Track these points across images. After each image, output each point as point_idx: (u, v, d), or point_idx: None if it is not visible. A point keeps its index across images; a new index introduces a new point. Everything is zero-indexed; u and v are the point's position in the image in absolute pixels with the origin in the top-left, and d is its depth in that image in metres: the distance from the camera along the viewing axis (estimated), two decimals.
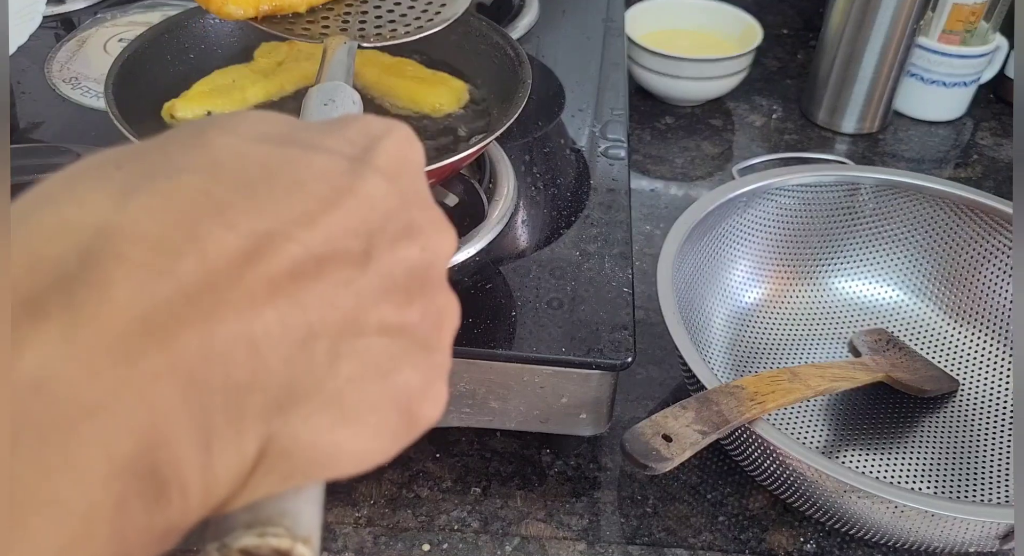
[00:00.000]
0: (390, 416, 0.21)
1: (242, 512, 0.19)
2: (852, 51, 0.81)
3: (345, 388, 0.20)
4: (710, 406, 0.45)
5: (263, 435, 0.19)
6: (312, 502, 0.21)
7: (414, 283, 0.22)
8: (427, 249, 0.22)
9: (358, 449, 0.20)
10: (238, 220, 0.18)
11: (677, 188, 0.78)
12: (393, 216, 0.21)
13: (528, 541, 0.50)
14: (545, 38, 0.78)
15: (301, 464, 0.19)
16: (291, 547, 0.19)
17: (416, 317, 0.22)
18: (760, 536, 0.51)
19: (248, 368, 0.18)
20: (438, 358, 0.23)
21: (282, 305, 0.18)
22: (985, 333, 0.61)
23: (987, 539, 0.45)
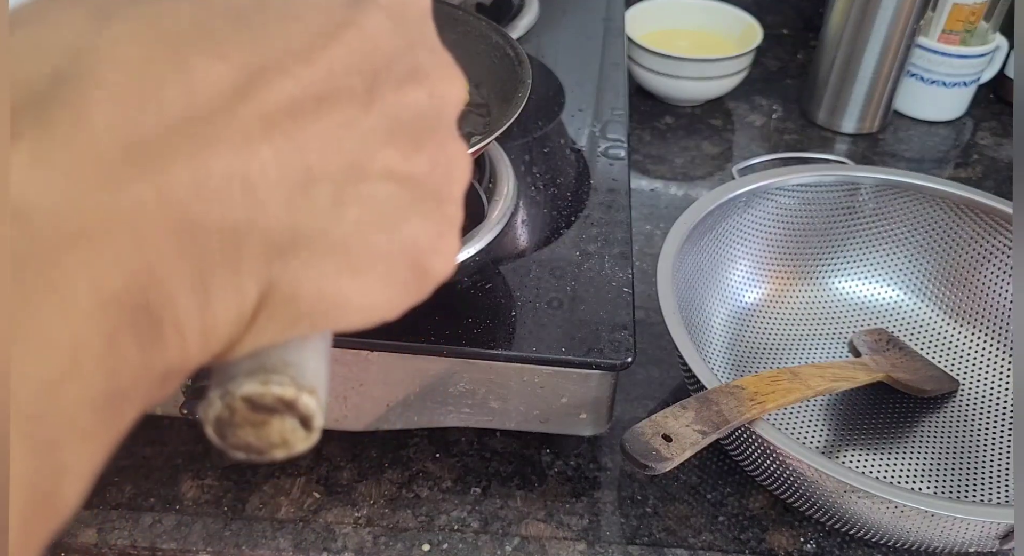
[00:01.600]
0: (399, 267, 0.20)
1: (246, 360, 0.19)
2: (852, 51, 0.81)
3: (351, 234, 0.19)
4: (710, 406, 0.45)
5: (264, 279, 0.18)
6: (318, 355, 0.20)
7: (422, 129, 0.20)
8: (435, 94, 0.21)
9: (365, 300, 0.20)
10: (229, 51, 0.17)
11: (677, 188, 0.78)
12: (398, 56, 0.20)
13: (528, 541, 0.50)
14: (545, 38, 0.78)
15: (305, 311, 0.19)
16: (296, 396, 0.19)
17: (425, 166, 0.20)
18: (760, 536, 0.51)
19: (245, 208, 0.17)
20: (449, 209, 0.21)
21: (279, 143, 0.17)
22: (985, 333, 0.61)
23: (987, 539, 0.45)
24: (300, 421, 0.19)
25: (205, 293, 0.17)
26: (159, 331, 0.16)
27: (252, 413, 0.19)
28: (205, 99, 0.17)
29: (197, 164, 0.16)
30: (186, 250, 0.16)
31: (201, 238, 0.16)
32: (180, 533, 0.49)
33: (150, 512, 0.50)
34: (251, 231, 0.17)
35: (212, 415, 0.19)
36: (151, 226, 0.16)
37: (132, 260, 0.15)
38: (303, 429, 0.19)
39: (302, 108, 0.18)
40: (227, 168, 0.17)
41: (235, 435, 0.19)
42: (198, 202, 0.16)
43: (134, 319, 0.16)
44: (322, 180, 0.18)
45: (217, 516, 0.50)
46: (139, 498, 0.51)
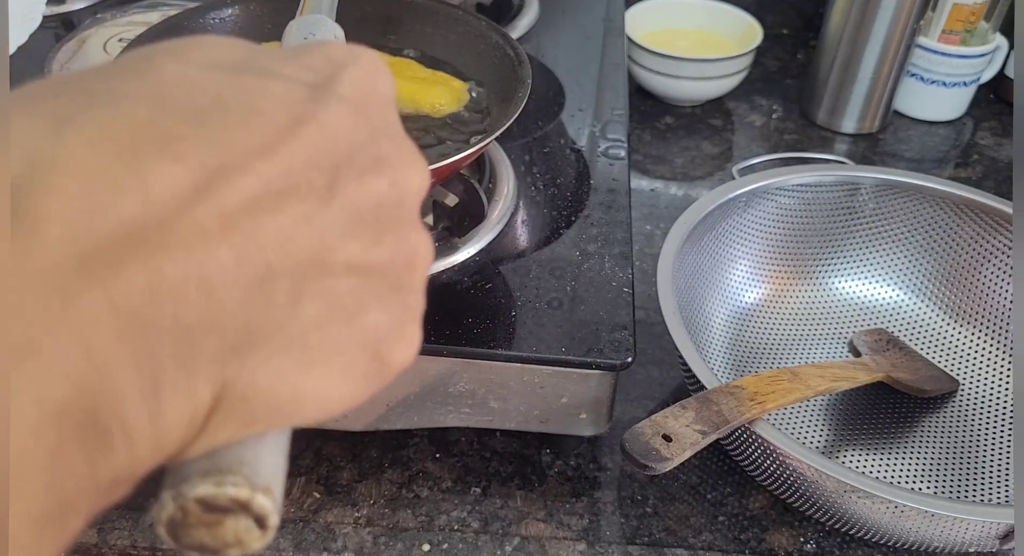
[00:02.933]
0: (358, 359, 0.20)
1: (199, 460, 0.19)
2: (852, 51, 0.81)
3: (309, 330, 0.19)
4: (710, 406, 0.45)
5: (218, 380, 0.17)
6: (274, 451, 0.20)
7: (383, 220, 0.20)
8: (396, 184, 0.21)
9: (323, 393, 0.19)
10: (186, 152, 0.17)
11: (677, 188, 0.78)
12: (359, 148, 0.20)
13: (528, 541, 0.50)
14: (545, 38, 0.78)
15: (261, 410, 0.18)
16: (250, 497, 0.18)
17: (386, 256, 0.20)
18: (760, 536, 0.51)
19: (200, 308, 0.17)
20: (410, 299, 0.21)
21: (237, 242, 0.17)
22: (985, 333, 0.61)
23: (987, 539, 0.45)
24: (255, 521, 0.19)
25: (156, 398, 0.16)
26: (107, 440, 0.16)
27: (206, 514, 0.18)
28: (161, 202, 0.16)
29: (152, 268, 0.16)
30: (137, 355, 0.16)
31: (153, 341, 0.16)
32: None
33: (150, 512, 0.50)
34: (206, 331, 0.17)
35: (165, 516, 0.18)
36: (101, 334, 0.15)
37: (80, 370, 0.15)
38: (257, 528, 0.19)
39: (261, 205, 0.18)
40: (182, 270, 0.16)
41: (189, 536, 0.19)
42: (151, 306, 0.16)
43: (81, 430, 0.15)
44: (281, 276, 0.18)
45: None
46: (139, 498, 0.50)
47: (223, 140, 0.18)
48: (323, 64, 0.21)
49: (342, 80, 0.21)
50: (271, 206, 0.18)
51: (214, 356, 0.17)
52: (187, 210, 0.17)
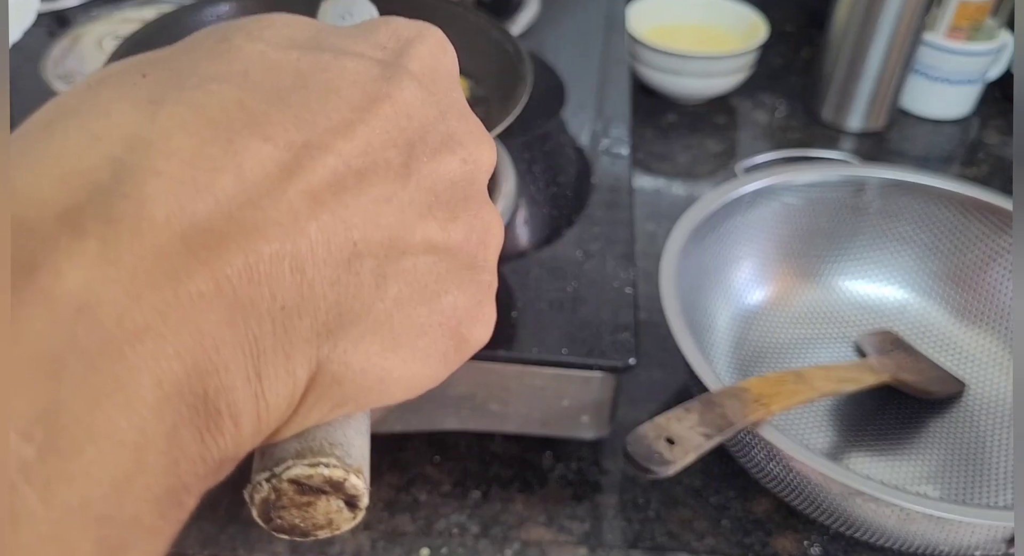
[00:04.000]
0: (439, 339, 0.20)
1: (292, 442, 0.19)
2: (857, 48, 0.80)
3: (393, 310, 0.19)
4: (714, 408, 0.44)
5: (313, 361, 0.18)
6: (362, 432, 0.20)
7: (457, 198, 0.21)
8: (468, 161, 0.21)
9: (408, 374, 0.20)
10: (274, 131, 0.17)
11: (680, 187, 0.78)
12: (431, 126, 0.20)
13: (529, 546, 0.49)
14: (546, 34, 0.77)
15: (352, 390, 0.19)
16: (344, 477, 0.19)
17: (461, 235, 0.20)
18: (764, 540, 0.51)
19: (294, 290, 0.17)
20: (485, 277, 0.22)
21: (326, 222, 0.17)
22: (992, 334, 0.60)
23: (994, 542, 0.45)
24: (346, 501, 0.19)
25: (259, 378, 0.17)
26: (217, 420, 0.16)
27: (299, 495, 0.19)
28: (254, 183, 0.17)
29: (250, 249, 0.16)
30: (240, 336, 0.16)
31: (254, 323, 0.17)
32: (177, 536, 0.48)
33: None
34: (301, 312, 0.17)
35: (259, 498, 0.19)
36: (208, 316, 0.16)
37: (192, 351, 0.16)
38: (348, 509, 0.19)
39: (344, 184, 0.18)
40: (277, 250, 0.17)
41: (280, 517, 0.19)
42: (251, 286, 0.16)
43: (194, 410, 0.16)
44: (366, 256, 0.18)
45: (214, 520, 0.49)
46: None
47: (305, 119, 0.18)
48: (391, 40, 0.21)
49: (411, 56, 0.21)
50: (354, 185, 0.18)
51: (309, 337, 0.17)
52: (278, 189, 0.17)
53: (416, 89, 0.20)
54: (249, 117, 0.17)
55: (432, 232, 0.20)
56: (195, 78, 0.18)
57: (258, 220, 0.16)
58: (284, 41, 0.20)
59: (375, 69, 0.20)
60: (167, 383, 0.15)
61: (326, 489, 0.19)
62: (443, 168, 0.20)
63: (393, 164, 0.19)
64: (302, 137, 0.18)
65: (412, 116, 0.20)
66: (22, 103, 0.75)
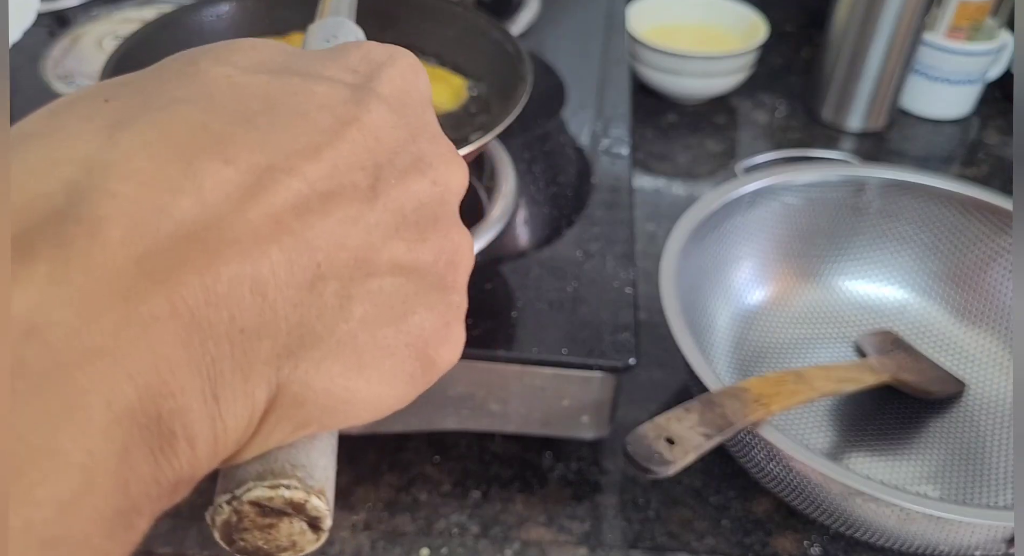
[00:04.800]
0: (406, 360, 0.20)
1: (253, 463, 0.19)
2: (857, 48, 0.80)
3: (358, 331, 0.19)
4: (714, 408, 0.44)
5: (273, 382, 0.18)
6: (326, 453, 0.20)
7: (426, 219, 0.21)
8: (438, 183, 0.21)
9: (373, 395, 0.19)
10: (238, 154, 0.17)
11: (680, 187, 0.78)
12: (400, 148, 0.20)
13: (529, 546, 0.49)
14: (546, 34, 0.77)
15: (314, 412, 0.19)
16: (305, 499, 0.19)
17: (429, 256, 0.20)
18: (764, 540, 0.50)
19: (255, 312, 0.17)
20: (454, 298, 0.22)
21: (288, 244, 0.17)
22: (992, 334, 0.60)
23: (993, 542, 0.45)
24: (308, 523, 0.19)
25: (215, 400, 0.17)
26: (170, 442, 0.16)
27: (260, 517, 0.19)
28: (215, 204, 0.17)
29: (209, 271, 0.16)
30: (196, 357, 0.16)
31: (211, 344, 0.16)
32: (176, 537, 0.48)
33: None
34: (261, 334, 0.17)
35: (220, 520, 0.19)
36: (164, 337, 0.16)
37: (145, 373, 0.15)
38: (311, 531, 0.19)
39: (309, 206, 0.18)
40: (237, 272, 0.17)
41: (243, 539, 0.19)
42: (209, 309, 0.16)
43: (146, 432, 0.16)
44: (330, 278, 0.18)
45: None
46: None
47: (270, 142, 0.18)
48: (362, 64, 0.21)
49: (381, 80, 0.21)
50: (318, 207, 0.18)
51: (269, 358, 0.17)
52: (239, 212, 0.17)
53: (385, 112, 0.20)
54: (212, 139, 0.17)
55: (399, 253, 0.20)
56: (159, 101, 0.18)
57: (217, 242, 0.16)
58: (253, 65, 0.20)
59: (344, 92, 0.20)
60: (118, 405, 0.15)
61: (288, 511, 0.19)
62: (412, 190, 0.20)
63: (360, 186, 0.19)
64: (266, 159, 0.18)
65: (380, 139, 0.20)
66: (22, 103, 0.75)
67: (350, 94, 0.20)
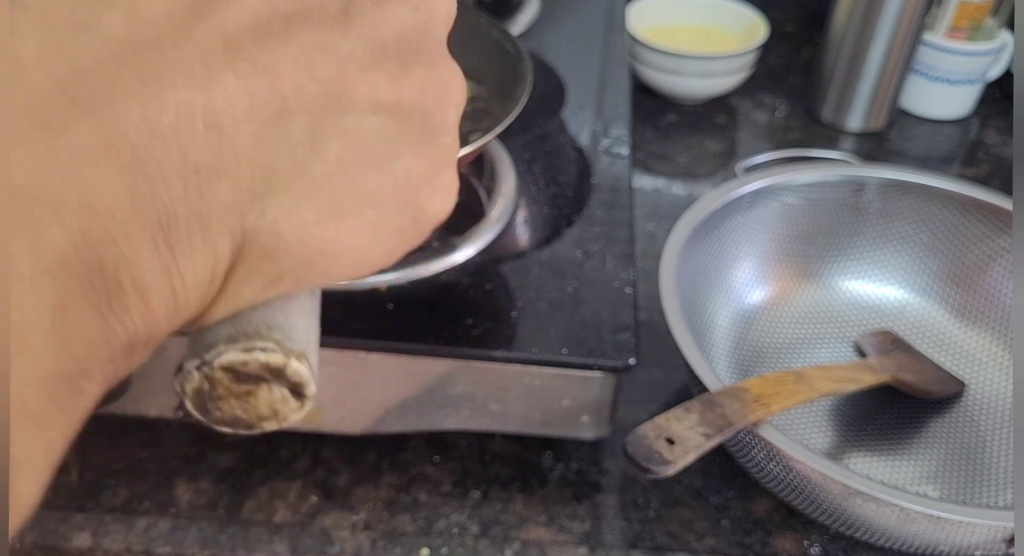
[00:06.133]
0: (392, 208, 0.18)
1: (225, 325, 0.17)
2: (857, 48, 0.80)
3: (334, 174, 0.17)
4: (714, 408, 0.44)
5: (238, 230, 0.16)
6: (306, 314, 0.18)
7: (409, 50, 0.18)
8: (420, 9, 0.19)
9: (355, 247, 0.17)
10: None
11: (680, 186, 0.78)
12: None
13: (529, 545, 0.49)
14: (546, 34, 0.77)
15: (287, 264, 0.17)
16: (284, 362, 0.17)
17: (414, 91, 0.18)
18: (765, 540, 0.50)
19: (210, 148, 0.15)
20: (444, 140, 0.20)
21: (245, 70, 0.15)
22: (992, 334, 0.60)
23: (994, 542, 0.45)
24: (290, 389, 0.17)
25: (169, 249, 0.15)
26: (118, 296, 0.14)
27: (235, 384, 0.17)
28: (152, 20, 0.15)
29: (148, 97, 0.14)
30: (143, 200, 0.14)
31: (160, 185, 0.14)
32: (175, 537, 0.48)
33: (145, 516, 0.49)
34: (219, 174, 0.15)
35: (190, 388, 0.17)
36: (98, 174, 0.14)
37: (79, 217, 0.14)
38: (294, 398, 0.18)
39: (269, 29, 0.16)
40: (186, 101, 0.14)
41: (218, 408, 0.17)
42: (153, 142, 0.14)
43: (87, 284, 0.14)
44: (298, 112, 0.16)
45: (213, 520, 0.49)
46: (134, 502, 0.50)
47: None
48: None
49: None
50: (280, 30, 0.16)
51: (231, 203, 0.15)
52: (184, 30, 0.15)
53: None
54: None
55: (379, 87, 0.18)
56: None
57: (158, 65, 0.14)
58: None
59: None
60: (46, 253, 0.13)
61: (265, 376, 0.17)
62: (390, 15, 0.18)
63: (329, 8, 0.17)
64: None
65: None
66: None
67: None
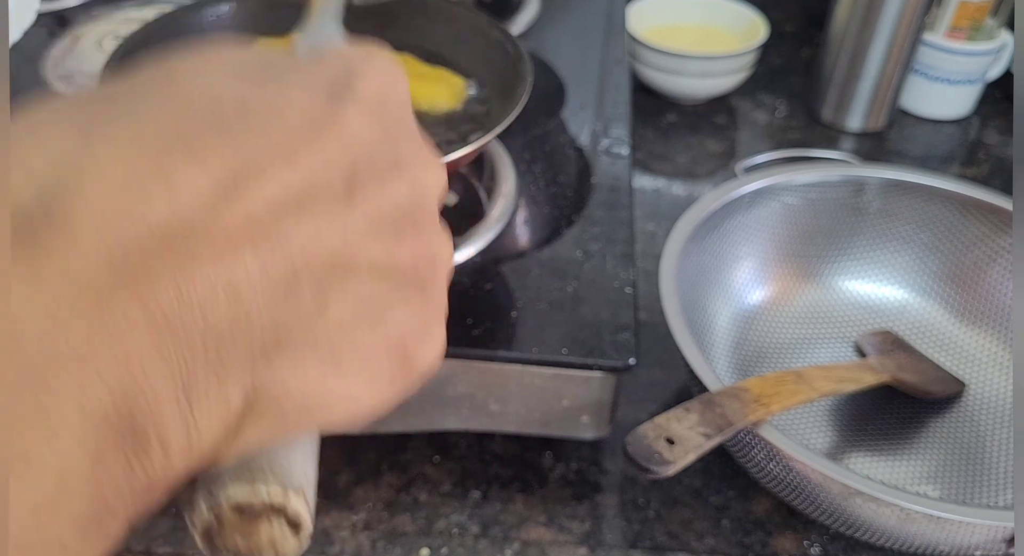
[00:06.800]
0: (384, 362, 0.20)
1: (232, 465, 0.19)
2: (857, 48, 0.80)
3: (335, 332, 0.19)
4: (714, 408, 0.44)
5: (248, 383, 0.18)
6: (306, 454, 0.20)
7: (404, 221, 0.21)
8: (415, 185, 0.21)
9: (351, 395, 0.20)
10: (211, 157, 0.17)
11: (680, 186, 0.78)
12: (378, 150, 0.20)
13: (529, 546, 0.49)
14: (546, 34, 0.77)
15: (291, 412, 0.19)
16: (284, 500, 0.19)
17: (408, 257, 0.21)
18: (764, 540, 0.50)
19: (229, 314, 0.17)
20: (433, 299, 0.22)
21: (262, 246, 0.17)
22: (992, 334, 0.60)
23: (993, 542, 0.45)
24: (288, 524, 0.19)
25: (189, 403, 0.17)
26: (144, 445, 0.16)
27: (240, 519, 0.19)
28: (188, 207, 0.17)
29: (182, 274, 0.16)
30: (170, 361, 0.16)
31: (185, 347, 0.16)
32: (176, 537, 0.48)
33: None
34: (235, 337, 0.17)
35: (200, 524, 0.19)
36: (136, 341, 0.16)
37: (118, 376, 0.16)
38: (292, 532, 0.19)
39: (283, 209, 0.18)
40: (211, 275, 0.17)
41: (223, 542, 0.19)
42: (182, 312, 0.16)
43: (119, 435, 0.16)
44: (305, 279, 0.18)
45: None
46: None
47: (244, 145, 0.18)
48: (339, 70, 0.21)
49: (359, 84, 0.21)
50: (293, 210, 0.18)
51: (244, 360, 0.17)
52: (213, 215, 0.17)
53: (362, 115, 0.20)
54: (185, 143, 0.17)
55: (377, 254, 0.20)
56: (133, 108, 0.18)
57: (191, 245, 0.16)
58: (229, 73, 0.20)
59: (321, 97, 0.20)
60: (91, 409, 0.15)
61: (267, 512, 0.19)
62: (389, 191, 0.20)
63: (336, 188, 0.19)
64: (240, 162, 0.18)
65: (357, 141, 0.20)
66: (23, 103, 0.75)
67: (327, 98, 0.20)
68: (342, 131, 0.19)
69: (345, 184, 0.19)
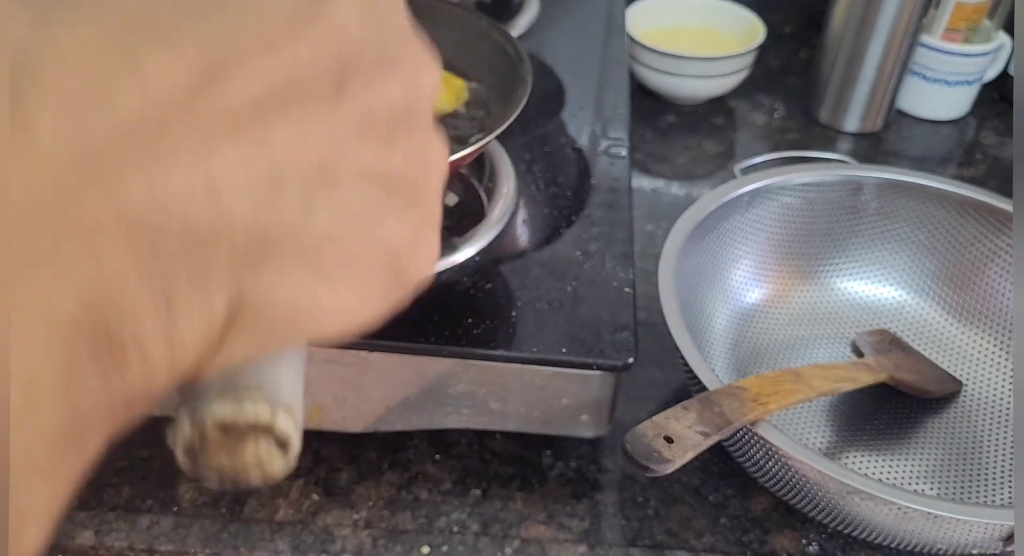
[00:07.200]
0: (376, 271, 0.19)
1: (216, 381, 0.18)
2: (855, 49, 0.80)
3: (324, 239, 0.18)
4: (712, 407, 0.45)
5: (233, 291, 0.17)
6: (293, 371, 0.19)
7: (396, 122, 0.19)
8: (408, 85, 0.20)
9: (341, 307, 0.19)
10: (184, 45, 0.16)
11: (679, 187, 0.78)
12: (368, 46, 0.19)
13: (528, 543, 0.50)
14: (545, 36, 0.78)
15: (278, 324, 0.18)
16: (271, 418, 0.18)
17: (400, 161, 0.19)
18: (763, 538, 0.51)
19: (210, 215, 0.16)
20: (426, 206, 0.21)
21: (244, 142, 0.16)
22: (989, 334, 0.60)
23: (990, 541, 0.45)
24: (276, 443, 0.18)
25: (169, 310, 0.16)
26: (121, 354, 0.15)
27: (225, 437, 0.18)
28: (160, 100, 0.15)
29: (155, 171, 0.15)
30: (146, 265, 0.15)
31: (162, 251, 0.15)
32: (178, 535, 0.49)
33: (148, 514, 0.50)
34: (217, 240, 0.16)
35: (182, 440, 0.18)
36: (108, 243, 0.15)
37: (88, 281, 0.14)
38: (279, 452, 0.18)
39: (266, 104, 0.17)
40: (188, 173, 0.15)
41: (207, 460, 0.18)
42: (158, 212, 0.15)
43: (93, 344, 0.15)
44: (292, 181, 0.17)
45: (215, 518, 0.49)
46: (137, 500, 0.50)
47: (223, 34, 0.16)
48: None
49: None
50: (277, 105, 0.17)
51: (227, 266, 0.16)
52: (188, 108, 0.16)
53: (352, 9, 0.19)
54: (156, 30, 0.16)
55: (367, 157, 0.19)
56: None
57: (164, 140, 0.15)
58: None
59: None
60: (59, 319, 0.14)
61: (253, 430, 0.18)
62: (380, 90, 0.19)
63: (323, 84, 0.18)
64: (218, 52, 0.16)
65: (346, 36, 0.18)
66: None
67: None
68: (329, 23, 0.18)
69: (333, 80, 0.18)
